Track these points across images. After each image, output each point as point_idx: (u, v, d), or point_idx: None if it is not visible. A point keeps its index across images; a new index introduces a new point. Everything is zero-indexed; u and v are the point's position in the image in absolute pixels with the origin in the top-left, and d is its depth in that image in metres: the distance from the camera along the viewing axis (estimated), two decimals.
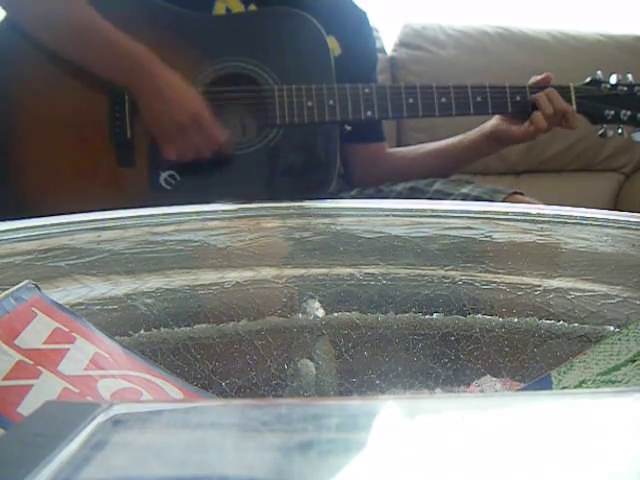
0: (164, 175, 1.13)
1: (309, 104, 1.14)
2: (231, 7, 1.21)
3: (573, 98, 1.21)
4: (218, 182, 1.14)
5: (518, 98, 1.20)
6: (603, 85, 1.23)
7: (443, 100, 1.18)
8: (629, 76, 1.24)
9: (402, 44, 2.09)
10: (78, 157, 1.13)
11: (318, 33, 1.18)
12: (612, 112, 1.22)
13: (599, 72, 1.24)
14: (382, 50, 2.03)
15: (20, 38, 1.14)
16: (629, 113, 1.22)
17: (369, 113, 1.17)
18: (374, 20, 1.43)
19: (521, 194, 1.24)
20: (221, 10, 1.20)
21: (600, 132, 1.25)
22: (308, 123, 1.15)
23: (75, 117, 1.13)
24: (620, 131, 1.24)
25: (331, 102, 1.15)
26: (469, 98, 1.18)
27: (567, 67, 1.98)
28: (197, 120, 1.11)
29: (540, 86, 1.21)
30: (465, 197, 1.21)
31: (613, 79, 1.24)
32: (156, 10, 1.15)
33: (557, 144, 2.09)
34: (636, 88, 1.23)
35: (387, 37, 2.09)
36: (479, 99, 1.18)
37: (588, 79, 1.24)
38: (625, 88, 1.23)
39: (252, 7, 1.21)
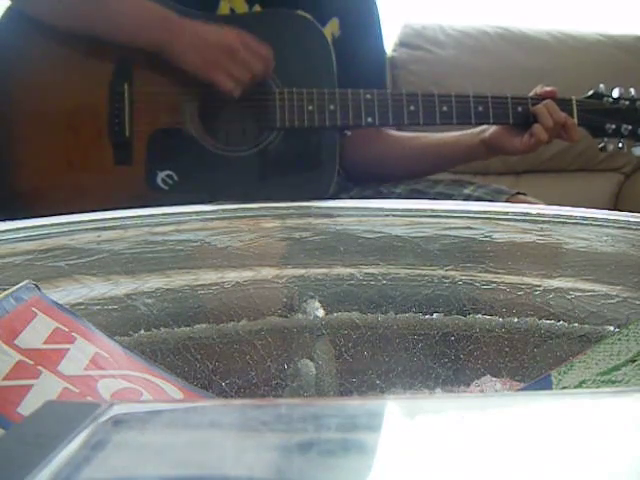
0: (162, 175, 1.13)
1: (309, 108, 1.14)
2: (235, 7, 1.21)
3: (575, 111, 1.20)
4: (216, 183, 1.13)
5: (520, 109, 1.19)
6: (605, 99, 1.23)
7: (444, 109, 1.17)
8: (632, 90, 1.24)
9: (402, 44, 2.09)
10: (76, 155, 1.13)
11: (321, 36, 1.18)
12: (613, 126, 1.22)
13: (601, 85, 1.24)
14: None
15: (19, 35, 1.14)
16: (630, 127, 1.22)
17: (370, 119, 1.16)
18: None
19: (524, 194, 1.24)
20: (225, 10, 1.20)
21: (600, 145, 1.25)
22: (308, 127, 1.15)
23: (74, 115, 1.13)
24: (620, 145, 1.24)
25: (332, 107, 1.14)
26: (470, 107, 1.18)
27: (567, 67, 1.98)
28: (239, 37, 1.12)
29: (543, 98, 1.20)
30: (467, 198, 1.21)
31: (615, 93, 1.23)
32: None
33: (557, 144, 2.06)
34: (638, 103, 1.22)
35: (387, 37, 2.09)
36: (480, 109, 1.18)
37: (590, 92, 1.24)
38: (627, 102, 1.22)
39: (256, 8, 1.21)
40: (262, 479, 0.21)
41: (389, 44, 2.10)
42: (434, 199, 1.22)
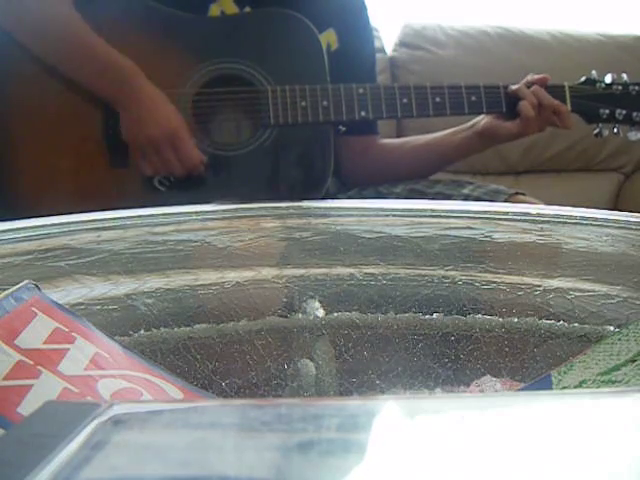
0: (158, 176, 1.13)
1: (303, 104, 1.14)
2: (226, 9, 1.21)
3: (567, 97, 1.20)
4: (212, 184, 1.14)
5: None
6: (598, 84, 1.23)
7: (437, 100, 1.18)
8: (624, 75, 1.24)
9: (402, 44, 2.09)
10: (72, 158, 1.13)
11: (312, 34, 1.18)
12: (607, 111, 1.22)
13: (594, 72, 1.24)
14: (382, 50, 2.03)
15: (13, 40, 1.14)
16: (624, 112, 1.22)
17: (363, 113, 1.16)
18: (374, 20, 1.43)
19: (522, 194, 1.24)
20: (216, 12, 1.21)
21: (595, 131, 1.24)
22: (302, 124, 1.15)
23: (69, 118, 1.13)
24: (616, 130, 1.24)
25: (325, 103, 1.15)
26: (463, 98, 1.18)
27: (567, 67, 1.97)
28: (173, 139, 1.11)
29: (534, 85, 1.20)
30: (466, 198, 1.21)
31: (608, 78, 1.23)
32: (151, 12, 1.15)
33: (557, 144, 2.08)
34: (631, 87, 1.22)
35: (387, 37, 2.09)
36: (473, 99, 1.18)
37: (583, 78, 1.24)
38: (620, 87, 1.22)
39: (247, 9, 1.22)
40: (262, 479, 0.21)
41: (389, 44, 2.10)
42: (433, 199, 1.22)
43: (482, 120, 1.24)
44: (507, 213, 0.65)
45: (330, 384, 0.56)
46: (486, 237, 0.63)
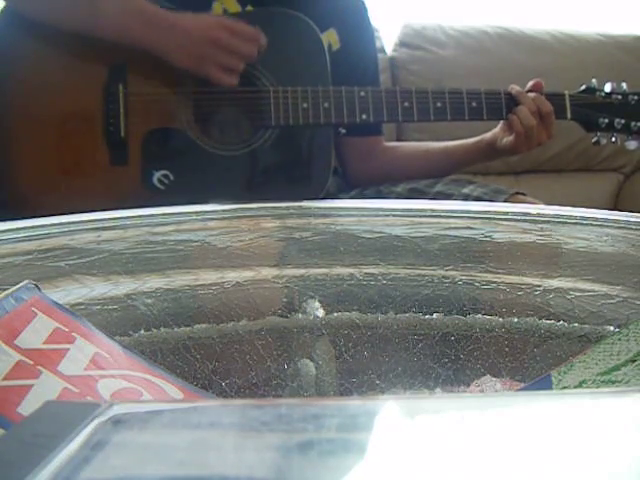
0: (157, 175, 1.13)
1: (304, 106, 1.14)
2: (228, 8, 1.21)
3: (567, 105, 1.21)
4: (212, 183, 1.14)
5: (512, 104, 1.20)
6: (597, 93, 1.24)
7: (438, 105, 1.18)
8: (623, 85, 1.25)
9: (402, 44, 2.09)
10: (72, 155, 1.13)
11: (314, 34, 1.18)
12: (606, 120, 1.23)
13: (594, 80, 1.25)
14: (382, 50, 2.03)
15: (15, 36, 1.14)
16: (623, 122, 1.23)
17: (364, 116, 1.17)
18: (374, 20, 1.43)
19: (523, 194, 1.24)
20: (218, 11, 1.21)
21: (594, 140, 1.26)
22: (303, 125, 1.15)
23: (69, 116, 1.13)
24: (614, 139, 1.25)
25: (326, 104, 1.15)
26: (464, 103, 1.18)
27: (567, 67, 1.98)
28: (225, 25, 1.12)
29: (533, 91, 1.21)
30: (466, 197, 1.21)
31: (608, 87, 1.24)
32: None
33: (557, 144, 2.08)
34: (630, 97, 1.23)
35: (387, 37, 2.09)
36: (474, 104, 1.18)
37: (583, 87, 1.25)
38: (619, 97, 1.23)
39: (249, 8, 1.22)
40: (262, 479, 0.21)
41: (389, 44, 2.10)
42: (433, 198, 1.22)
43: (492, 131, 1.25)
44: (507, 213, 0.65)
45: (330, 384, 0.56)
46: (486, 237, 0.63)
